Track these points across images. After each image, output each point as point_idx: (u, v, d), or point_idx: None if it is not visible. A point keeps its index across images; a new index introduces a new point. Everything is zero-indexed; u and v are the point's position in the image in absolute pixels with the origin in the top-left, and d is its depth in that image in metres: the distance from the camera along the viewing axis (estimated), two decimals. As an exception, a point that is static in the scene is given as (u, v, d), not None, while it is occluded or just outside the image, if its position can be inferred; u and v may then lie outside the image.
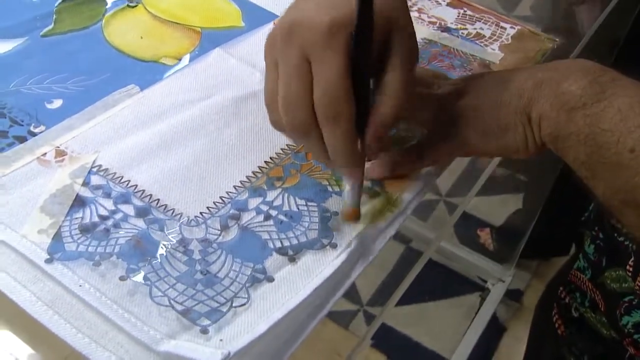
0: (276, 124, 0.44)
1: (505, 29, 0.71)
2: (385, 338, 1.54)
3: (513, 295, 1.66)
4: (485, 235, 1.71)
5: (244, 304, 0.40)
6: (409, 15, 0.44)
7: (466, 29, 0.70)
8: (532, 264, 1.72)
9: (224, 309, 0.40)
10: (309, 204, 0.48)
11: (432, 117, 0.50)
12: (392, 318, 1.58)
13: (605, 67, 0.43)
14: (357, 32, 0.39)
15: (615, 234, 0.63)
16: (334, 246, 0.45)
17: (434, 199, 1.81)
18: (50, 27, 0.63)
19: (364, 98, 0.42)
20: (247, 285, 0.42)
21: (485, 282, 1.64)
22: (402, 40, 0.43)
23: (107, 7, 0.66)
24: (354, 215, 0.47)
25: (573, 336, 0.70)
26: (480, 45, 0.68)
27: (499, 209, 1.78)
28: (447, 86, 0.50)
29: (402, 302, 1.62)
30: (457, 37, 0.69)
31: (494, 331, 1.58)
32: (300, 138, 0.43)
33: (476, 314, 1.54)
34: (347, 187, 0.46)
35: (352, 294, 1.59)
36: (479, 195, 1.83)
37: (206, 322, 0.39)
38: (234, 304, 0.40)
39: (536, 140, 0.45)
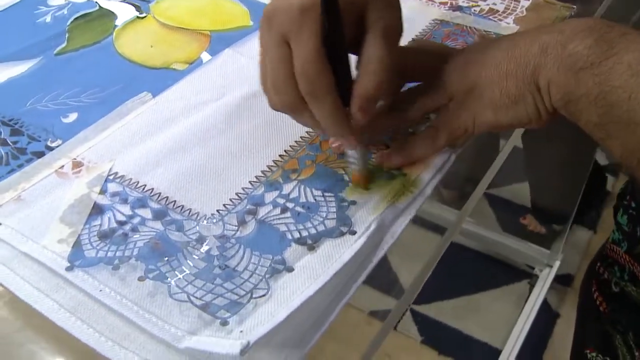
0: (273, 104, 0.46)
1: (519, 1, 0.69)
2: (435, 333, 1.52)
3: (563, 280, 1.62)
4: (531, 221, 1.68)
5: (263, 295, 0.40)
6: None
7: (478, 5, 0.69)
8: (581, 246, 1.68)
9: (244, 301, 0.40)
10: (326, 194, 0.48)
11: (442, 96, 0.48)
12: (441, 312, 1.56)
13: (613, 22, 0.41)
14: (323, 9, 0.41)
15: None
16: (352, 233, 0.44)
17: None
18: (64, 45, 0.64)
19: (345, 73, 0.44)
20: (266, 276, 0.41)
21: (533, 268, 1.60)
22: (378, 13, 0.44)
23: (116, 20, 0.67)
24: (363, 179, 0.47)
25: (616, 312, 0.67)
26: (494, 21, 0.67)
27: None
28: (451, 61, 0.49)
29: (449, 295, 1.60)
30: (470, 14, 0.68)
31: (547, 317, 1.54)
32: (294, 116, 0.47)
33: (526, 301, 1.51)
34: (348, 153, 0.48)
35: (397, 293, 1.58)
36: (518, 182, 1.80)
37: (226, 314, 0.39)
38: (253, 295, 0.40)
39: (547, 108, 0.44)
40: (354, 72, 0.45)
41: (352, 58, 0.45)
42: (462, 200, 1.48)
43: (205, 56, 0.62)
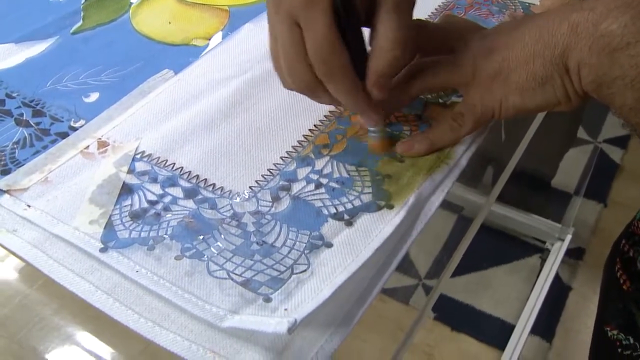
0: (288, 86, 0.45)
1: (542, -31, 0.67)
2: (448, 310, 1.52)
3: (574, 254, 1.62)
4: None
5: (304, 270, 0.39)
6: None
7: (501, -26, 0.67)
8: (591, 219, 1.67)
9: (285, 277, 0.39)
10: (360, 168, 0.47)
11: (466, 74, 0.47)
12: (453, 289, 1.56)
13: None
14: None
15: None
16: (390, 207, 0.43)
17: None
18: (80, 24, 0.63)
19: (359, 49, 0.43)
20: (305, 252, 0.40)
21: (544, 243, 1.60)
22: None
23: (132, -3, 0.65)
24: (382, 147, 0.48)
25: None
26: (518, -11, 0.65)
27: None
28: (475, 43, 0.47)
29: (461, 271, 1.59)
30: (493, -17, 0.66)
31: (559, 291, 1.54)
32: (311, 96, 0.45)
33: (538, 276, 1.50)
34: (370, 128, 0.48)
35: (409, 268, 1.58)
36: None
37: (268, 290, 0.38)
38: (294, 271, 0.39)
39: (577, 91, 0.42)
40: (368, 46, 0.44)
41: (366, 31, 0.44)
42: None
43: (225, 33, 0.60)
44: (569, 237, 1.55)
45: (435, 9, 0.63)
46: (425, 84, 0.48)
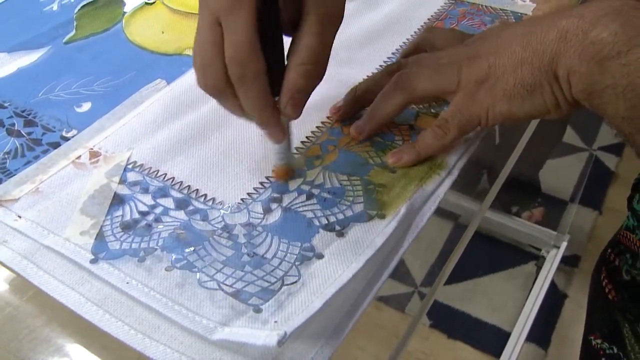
0: (200, 84, 0.42)
1: (535, -22, 0.68)
2: (444, 317, 1.52)
3: (570, 261, 1.62)
4: (537, 215, 1.67)
5: (295, 282, 0.39)
6: None
7: (493, -17, 0.67)
8: (587, 227, 1.67)
9: (276, 288, 0.39)
10: (351, 178, 0.47)
11: (450, 87, 0.46)
12: (449, 296, 1.55)
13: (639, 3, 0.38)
14: None
15: None
16: (382, 217, 0.43)
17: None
18: (72, 33, 0.63)
19: (277, 60, 0.41)
20: (296, 263, 0.40)
21: (540, 250, 1.60)
22: (314, 2, 0.40)
23: (124, 7, 0.65)
24: (284, 173, 0.46)
25: (626, 301, 0.66)
26: (510, -1, 0.65)
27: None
28: (460, 51, 0.46)
29: (457, 279, 1.59)
30: (485, -7, 0.66)
31: (555, 299, 1.54)
32: (217, 98, 0.43)
33: (534, 283, 1.50)
34: (272, 146, 0.46)
35: (405, 276, 1.57)
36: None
37: (259, 301, 0.38)
38: (285, 282, 0.39)
39: (567, 98, 0.41)
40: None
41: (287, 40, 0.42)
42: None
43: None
44: (564, 245, 1.55)
45: (428, 19, 0.63)
46: (410, 94, 0.47)
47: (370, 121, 0.49)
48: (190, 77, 0.56)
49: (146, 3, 0.66)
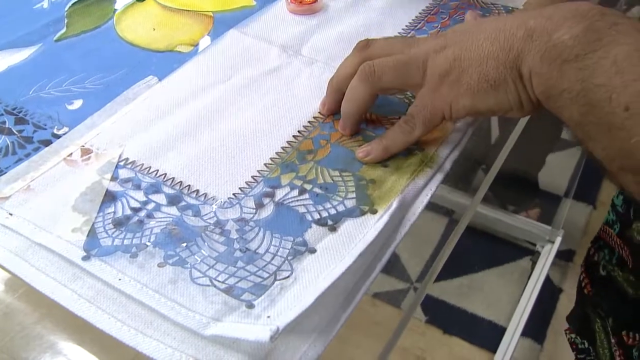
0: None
1: (526, -28, 0.68)
2: (439, 313, 1.52)
3: (565, 256, 1.62)
4: (533, 216, 1.67)
5: (287, 277, 0.39)
6: None
7: (485, -22, 0.67)
8: (581, 221, 1.68)
9: (268, 283, 0.39)
10: (343, 173, 0.47)
11: (416, 80, 0.45)
12: (444, 292, 1.56)
13: (607, 8, 0.38)
14: None
15: None
16: (374, 212, 0.43)
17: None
18: (63, 30, 0.62)
19: None
20: (289, 258, 0.40)
21: (535, 245, 1.60)
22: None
23: (115, 4, 0.65)
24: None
25: (599, 296, 0.66)
26: (502, -7, 0.65)
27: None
28: (429, 41, 0.46)
29: (452, 274, 1.60)
30: (477, -13, 0.66)
31: (550, 293, 1.55)
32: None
33: (529, 278, 1.51)
34: None
35: (400, 272, 1.58)
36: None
37: (251, 296, 0.38)
38: (277, 277, 0.39)
39: (531, 98, 0.41)
40: None
41: None
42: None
43: (206, 40, 0.60)
44: (559, 239, 1.55)
45: (420, 13, 0.63)
46: (375, 85, 0.47)
47: (345, 119, 0.49)
48: (181, 74, 0.56)
49: (137, 0, 0.65)
